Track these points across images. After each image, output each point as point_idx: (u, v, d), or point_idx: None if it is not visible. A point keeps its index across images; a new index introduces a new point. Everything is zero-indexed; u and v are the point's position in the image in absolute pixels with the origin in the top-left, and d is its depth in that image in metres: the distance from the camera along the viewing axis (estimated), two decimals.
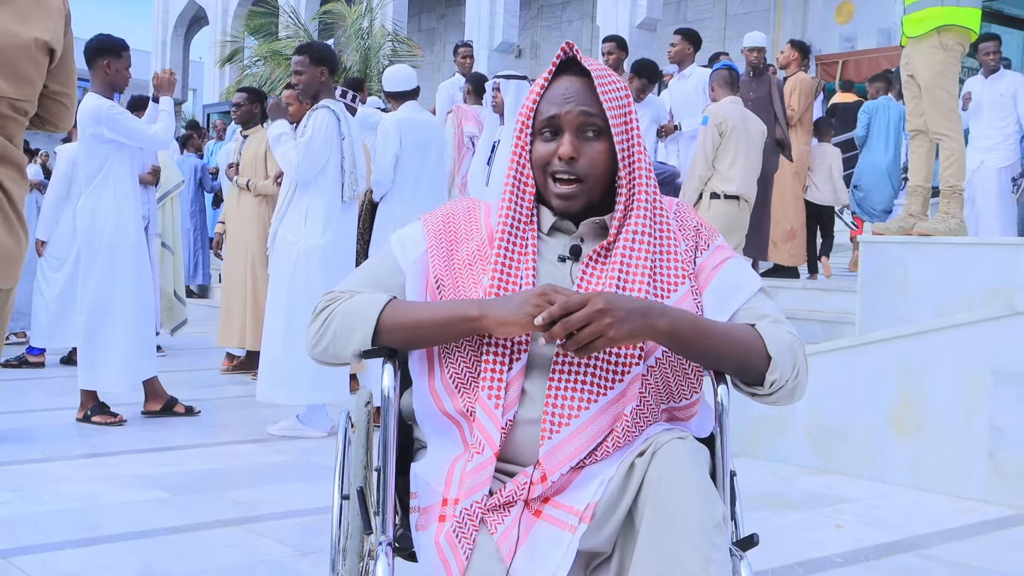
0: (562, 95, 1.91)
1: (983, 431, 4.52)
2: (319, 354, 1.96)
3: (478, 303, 1.82)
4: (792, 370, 1.87)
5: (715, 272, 1.96)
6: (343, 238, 5.44)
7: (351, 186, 5.40)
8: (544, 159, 1.92)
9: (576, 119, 1.89)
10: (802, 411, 5.09)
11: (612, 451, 1.82)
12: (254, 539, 3.68)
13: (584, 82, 1.91)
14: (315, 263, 5.31)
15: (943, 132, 5.88)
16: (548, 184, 1.92)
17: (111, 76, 5.58)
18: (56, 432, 5.41)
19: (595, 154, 1.90)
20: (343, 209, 5.42)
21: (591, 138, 1.90)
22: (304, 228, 5.34)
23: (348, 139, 5.37)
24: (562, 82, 1.93)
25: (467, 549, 1.73)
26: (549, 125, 1.91)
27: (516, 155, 1.95)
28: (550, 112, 1.91)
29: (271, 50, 17.55)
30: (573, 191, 1.90)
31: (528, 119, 1.94)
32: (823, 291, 7.30)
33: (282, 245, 5.40)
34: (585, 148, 1.90)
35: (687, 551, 1.64)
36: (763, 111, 7.82)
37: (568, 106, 1.90)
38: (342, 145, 5.36)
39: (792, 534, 3.96)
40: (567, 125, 1.90)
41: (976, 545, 3.92)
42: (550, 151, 1.91)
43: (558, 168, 1.90)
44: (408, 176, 5.95)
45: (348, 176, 5.38)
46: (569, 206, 1.92)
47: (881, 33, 16.02)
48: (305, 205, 5.37)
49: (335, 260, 5.34)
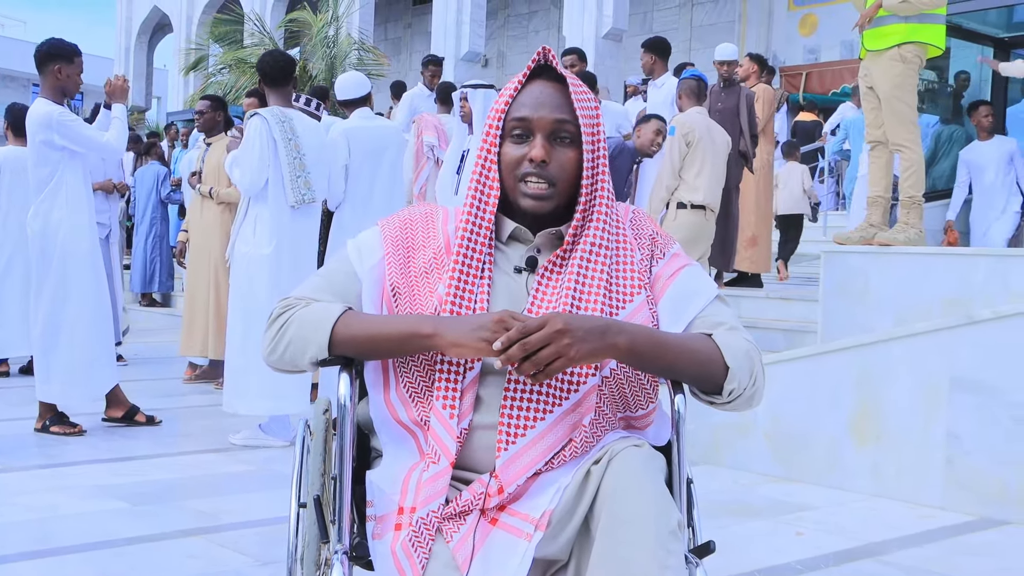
0: (536, 99, 1.90)
1: (940, 439, 4.57)
2: (275, 362, 1.95)
3: (433, 321, 1.81)
4: (749, 378, 1.88)
5: (671, 280, 1.96)
6: (295, 244, 5.37)
7: (296, 191, 5.31)
8: (515, 161, 1.90)
9: (550, 124, 1.89)
10: (763, 419, 5.12)
11: (569, 460, 1.82)
12: (214, 549, 3.65)
13: (558, 88, 1.91)
14: (263, 272, 5.28)
15: (902, 144, 5.94)
16: (517, 186, 1.91)
17: (62, 81, 5.48)
18: (14, 442, 5.34)
19: (565, 160, 1.89)
20: (293, 215, 5.35)
21: (562, 144, 1.90)
22: (253, 238, 5.33)
23: (289, 143, 5.30)
24: (536, 86, 1.92)
25: (423, 558, 1.73)
26: (520, 127, 1.90)
27: (482, 157, 1.93)
28: (523, 114, 1.90)
29: (236, 58, 17.46)
30: (545, 192, 1.89)
31: (499, 120, 1.92)
32: (785, 300, 7.35)
33: (237, 256, 5.40)
34: (556, 153, 1.89)
35: (642, 558, 1.65)
36: (730, 122, 7.89)
37: (543, 111, 1.89)
38: (277, 150, 5.29)
39: (753, 542, 3.98)
40: (540, 128, 1.89)
41: (933, 551, 3.96)
42: (520, 154, 1.90)
43: (528, 170, 1.89)
44: (361, 184, 5.93)
45: (291, 181, 5.31)
46: (540, 207, 1.90)
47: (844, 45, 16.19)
48: (254, 215, 5.35)
49: (282, 268, 5.28)
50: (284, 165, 5.30)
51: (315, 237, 5.58)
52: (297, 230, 5.39)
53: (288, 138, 5.31)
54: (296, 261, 5.36)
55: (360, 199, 5.92)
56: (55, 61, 5.47)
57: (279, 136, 5.29)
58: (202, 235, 7.26)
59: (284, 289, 5.21)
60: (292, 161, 5.31)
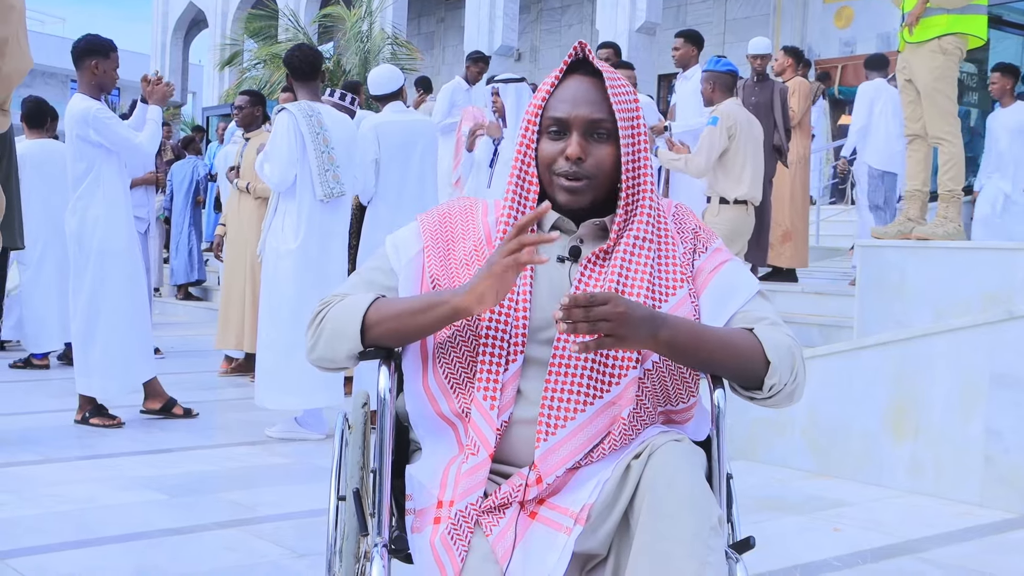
0: (572, 95, 1.90)
1: (980, 435, 4.53)
2: (316, 360, 1.96)
3: (449, 290, 1.83)
4: (791, 374, 1.88)
5: (713, 275, 1.96)
6: (324, 239, 5.37)
7: (325, 185, 5.32)
8: (551, 158, 1.91)
9: (586, 121, 1.89)
10: (800, 414, 5.09)
11: (608, 453, 1.82)
12: (251, 541, 3.68)
13: (594, 83, 1.91)
14: (291, 266, 5.29)
15: (942, 136, 5.88)
16: (554, 181, 1.92)
17: (99, 77, 5.53)
18: (55, 434, 5.41)
19: (602, 156, 1.90)
20: (323, 209, 5.36)
21: (598, 140, 1.90)
22: (282, 233, 5.35)
23: (318, 137, 5.31)
24: (572, 82, 1.92)
25: (462, 551, 1.73)
26: (557, 124, 1.91)
27: (521, 153, 1.94)
28: (559, 111, 1.90)
29: (270, 53, 17.51)
30: (580, 186, 1.90)
31: (536, 117, 1.93)
32: (821, 295, 7.30)
33: (268, 251, 5.43)
34: (592, 149, 1.89)
35: (682, 554, 1.64)
36: (763, 116, 7.83)
37: (579, 108, 1.89)
38: (305, 145, 5.29)
39: (789, 537, 3.96)
40: (576, 126, 1.89)
41: (972, 549, 3.92)
42: (557, 150, 1.90)
43: (564, 168, 1.90)
44: (391, 178, 5.91)
45: (320, 175, 5.31)
46: (576, 200, 1.91)
47: (880, 38, 16.03)
48: (284, 210, 5.38)
49: (310, 262, 5.29)
50: (312, 159, 5.31)
51: (345, 231, 5.58)
52: (326, 224, 5.40)
53: (316, 132, 5.33)
54: (325, 255, 5.38)
55: (392, 193, 5.92)
56: (92, 57, 5.51)
57: (306, 131, 5.30)
58: (239, 230, 7.30)
59: (312, 284, 5.25)
60: (321, 155, 5.32)
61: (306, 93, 5.50)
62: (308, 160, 5.31)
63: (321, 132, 5.35)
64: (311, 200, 5.33)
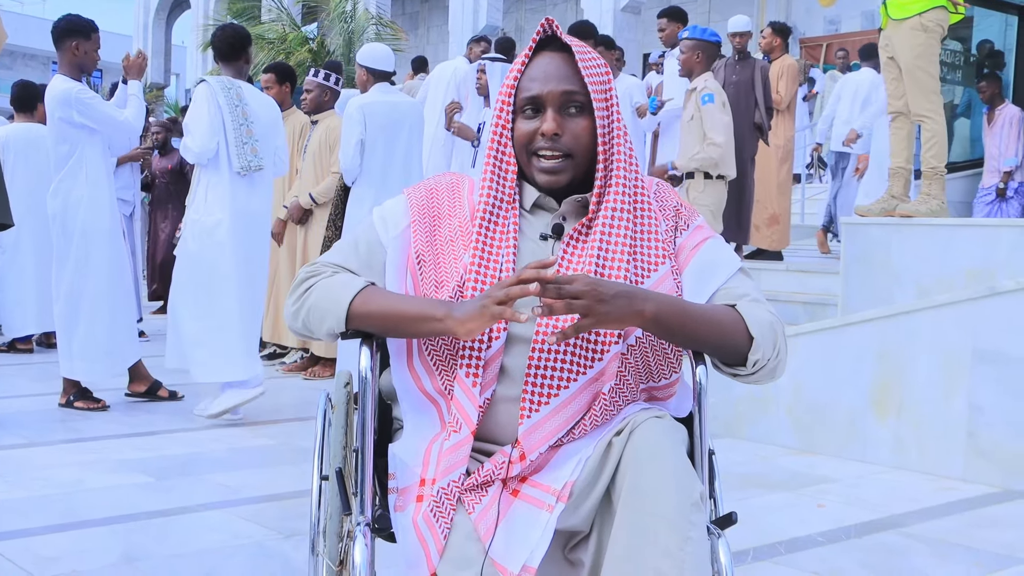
0: (543, 72, 1.89)
1: (962, 411, 4.55)
2: (298, 328, 1.95)
3: (445, 304, 1.81)
4: (773, 349, 1.88)
5: (695, 252, 1.96)
6: (246, 212, 5.33)
7: (242, 157, 5.26)
8: (527, 137, 1.90)
9: (559, 95, 1.88)
10: (784, 392, 5.11)
11: (590, 430, 1.82)
12: (236, 522, 3.68)
13: (565, 58, 1.90)
14: (212, 239, 5.27)
15: (925, 114, 5.89)
16: (532, 161, 1.91)
17: (79, 58, 5.50)
18: (39, 417, 5.39)
19: (578, 130, 1.89)
20: (241, 183, 5.30)
21: (573, 114, 1.89)
22: (204, 205, 5.32)
23: (236, 110, 5.26)
24: (543, 59, 1.91)
25: (445, 529, 1.73)
26: (531, 103, 1.90)
27: (497, 134, 1.93)
28: (532, 90, 1.89)
29: (254, 34, 17.40)
30: (559, 165, 1.89)
31: (509, 97, 1.92)
32: (805, 273, 7.32)
33: (189, 223, 5.42)
34: (568, 124, 1.89)
35: (664, 529, 1.65)
36: (744, 95, 7.83)
37: (551, 83, 1.88)
38: (224, 115, 5.25)
39: (774, 513, 3.98)
40: (550, 102, 1.88)
41: (955, 523, 3.95)
42: (532, 128, 1.90)
43: (541, 145, 1.89)
44: (376, 159, 5.90)
45: (237, 147, 5.25)
46: (556, 180, 1.90)
47: (865, 16, 16.04)
48: (205, 182, 5.35)
49: (232, 235, 5.26)
50: (229, 131, 5.27)
51: (266, 208, 5.54)
52: (246, 197, 5.34)
53: (234, 104, 5.28)
54: (247, 229, 5.34)
55: (376, 173, 5.90)
56: (72, 37, 5.48)
57: (224, 102, 5.25)
58: None
59: (237, 257, 5.26)
60: (238, 127, 5.27)
61: (228, 72, 5.48)
62: (225, 132, 5.27)
63: (240, 105, 5.30)
64: (230, 173, 5.28)
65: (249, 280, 5.36)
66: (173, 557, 3.29)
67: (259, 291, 5.55)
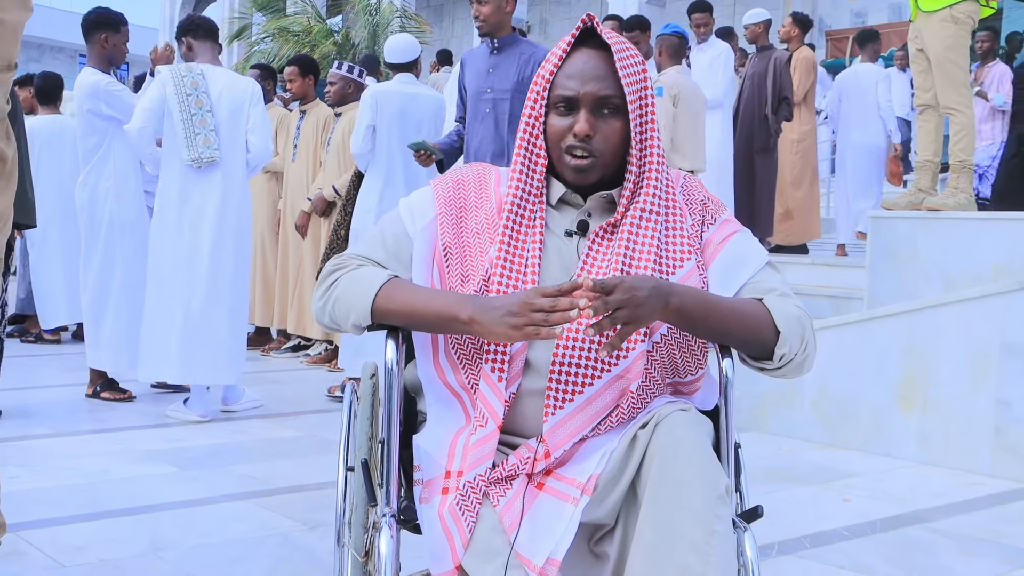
0: (580, 71, 1.88)
1: (989, 406, 4.52)
2: (326, 322, 1.96)
3: (471, 305, 1.77)
4: (801, 343, 1.87)
5: (722, 246, 1.95)
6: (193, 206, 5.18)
7: (192, 148, 5.12)
8: (559, 134, 1.89)
9: (594, 98, 1.87)
10: (809, 386, 5.09)
11: (616, 425, 1.82)
12: (262, 513, 3.70)
13: (603, 56, 1.88)
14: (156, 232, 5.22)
15: (954, 107, 5.84)
16: (562, 158, 1.90)
17: (108, 50, 5.53)
18: (66, 408, 5.44)
19: (610, 132, 1.88)
20: (192, 175, 5.18)
21: (606, 115, 1.88)
22: (156, 199, 5.28)
23: (187, 98, 5.13)
24: (580, 56, 1.90)
25: (470, 522, 1.74)
26: (565, 102, 1.89)
27: (529, 126, 1.92)
28: (568, 89, 1.88)
29: (279, 27, 17.48)
30: (588, 164, 1.88)
31: (544, 90, 1.91)
32: (831, 267, 7.28)
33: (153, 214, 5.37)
34: (600, 126, 1.88)
35: (690, 523, 1.64)
36: (759, 87, 7.82)
37: (587, 85, 1.87)
38: (168, 105, 5.14)
39: (799, 508, 3.97)
40: (585, 103, 1.87)
41: (982, 519, 3.92)
42: (565, 126, 1.89)
43: (572, 144, 1.88)
44: (382, 148, 5.78)
45: (187, 139, 5.12)
46: (584, 179, 1.90)
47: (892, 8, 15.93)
48: (162, 175, 5.27)
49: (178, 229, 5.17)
50: (177, 121, 5.14)
51: (220, 201, 5.23)
52: (194, 191, 5.20)
53: (186, 93, 5.15)
54: (192, 225, 5.19)
55: (383, 163, 5.78)
56: (102, 30, 5.51)
57: (172, 91, 5.15)
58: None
59: (172, 253, 5.14)
60: (190, 117, 5.14)
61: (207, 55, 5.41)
62: (173, 122, 5.17)
63: (194, 94, 5.17)
64: (179, 164, 5.19)
65: (192, 276, 5.16)
66: (198, 547, 3.31)
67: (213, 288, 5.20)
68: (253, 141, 5.32)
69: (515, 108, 4.94)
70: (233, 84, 5.33)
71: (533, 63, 4.94)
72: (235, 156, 5.29)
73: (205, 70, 5.27)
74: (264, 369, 6.82)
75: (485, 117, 5.03)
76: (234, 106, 5.28)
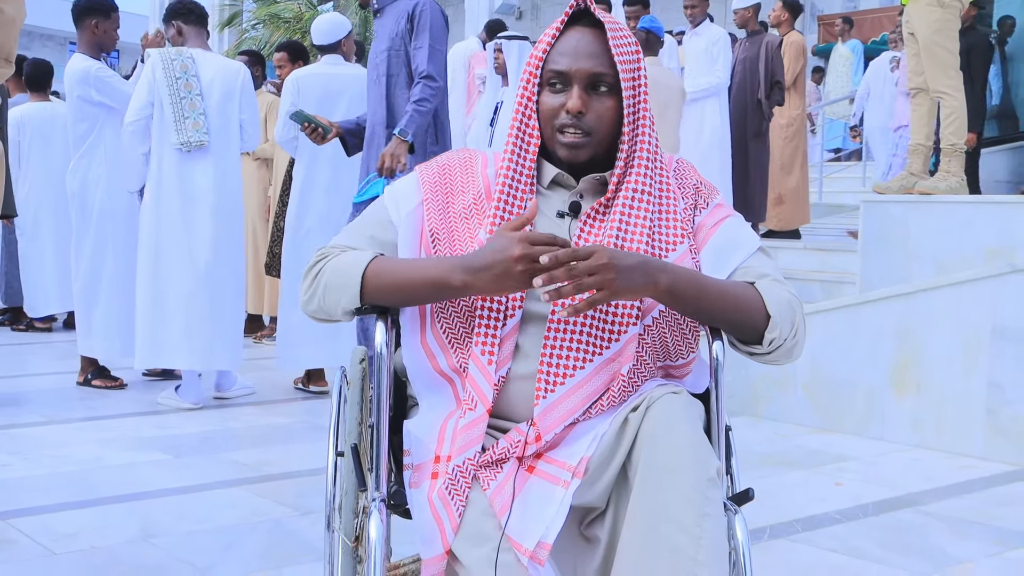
0: (574, 48, 1.87)
1: (982, 389, 4.53)
2: (313, 311, 1.94)
3: (459, 271, 1.76)
4: (791, 329, 1.86)
5: (714, 231, 1.94)
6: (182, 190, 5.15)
7: (182, 132, 5.09)
8: (552, 111, 1.88)
9: (588, 74, 1.86)
10: (802, 370, 5.09)
11: (607, 408, 1.81)
12: (254, 500, 3.69)
13: (596, 35, 1.88)
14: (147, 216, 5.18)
15: (943, 90, 5.84)
16: (555, 136, 1.89)
17: (99, 37, 5.50)
18: (57, 396, 5.43)
19: (603, 110, 1.87)
20: (182, 159, 5.14)
21: (600, 93, 1.87)
22: (148, 183, 5.21)
23: (177, 82, 5.10)
24: (574, 34, 1.89)
25: (460, 506, 1.73)
26: (558, 77, 1.88)
27: (522, 105, 1.91)
28: (561, 65, 1.87)
29: (270, 13, 17.44)
30: (580, 141, 1.87)
31: (536, 69, 1.90)
32: (823, 251, 7.28)
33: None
34: (593, 103, 1.87)
35: (681, 505, 1.64)
36: (751, 72, 7.82)
37: (580, 61, 1.86)
38: (158, 88, 5.11)
39: (792, 491, 3.98)
40: (578, 79, 1.86)
41: (974, 501, 3.93)
42: (558, 103, 1.88)
43: (565, 121, 1.87)
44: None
45: (176, 122, 5.09)
46: (576, 155, 1.89)
47: None
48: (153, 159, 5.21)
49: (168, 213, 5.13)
50: (166, 105, 5.12)
51: (211, 183, 5.20)
52: (187, 174, 5.17)
53: (175, 76, 5.12)
54: (184, 208, 5.16)
55: (308, 147, 5.55)
56: (92, 16, 5.48)
57: (161, 75, 5.12)
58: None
59: (168, 236, 5.10)
60: (179, 100, 5.11)
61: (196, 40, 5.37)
62: (162, 106, 5.13)
63: (183, 77, 5.14)
64: (169, 148, 5.15)
65: (189, 262, 5.13)
66: (190, 534, 3.30)
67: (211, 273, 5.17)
68: (247, 126, 5.33)
69: (392, 67, 4.80)
70: (225, 69, 5.31)
71: (405, 16, 4.77)
72: (227, 141, 5.27)
73: (195, 54, 5.25)
74: (256, 356, 6.80)
75: (373, 84, 4.91)
76: (226, 91, 5.26)
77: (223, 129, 5.25)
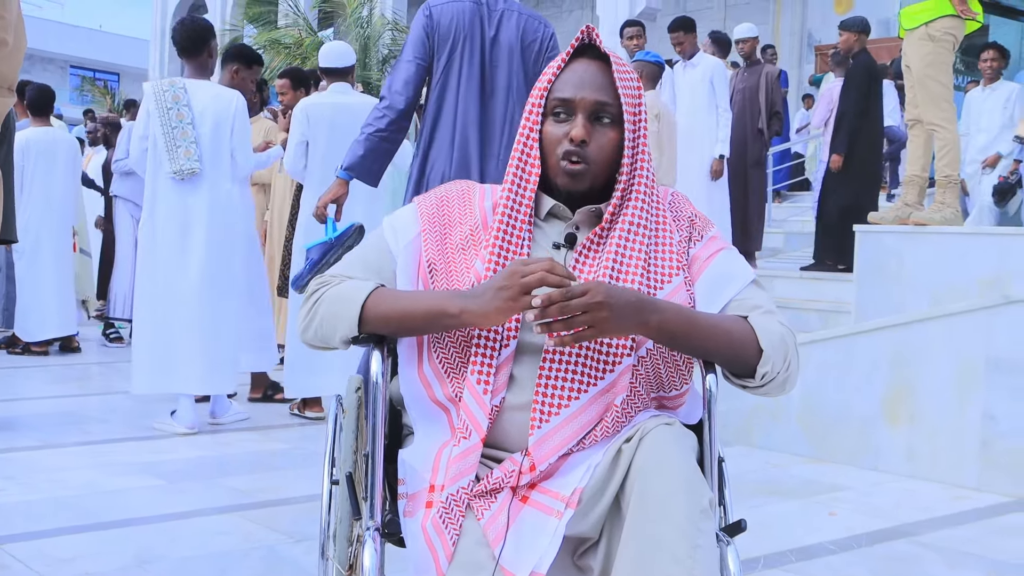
0: (579, 78, 1.91)
1: (976, 420, 4.54)
2: (310, 339, 1.96)
3: (459, 299, 1.80)
4: (783, 362, 1.88)
5: (708, 263, 1.96)
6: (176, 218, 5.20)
7: (174, 160, 5.14)
8: (555, 140, 1.91)
9: (592, 103, 1.89)
10: (796, 400, 5.10)
11: (600, 439, 1.83)
12: (248, 526, 3.69)
13: (600, 67, 1.91)
14: (143, 243, 5.25)
15: (936, 123, 5.89)
16: (558, 164, 1.91)
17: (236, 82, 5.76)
18: (53, 420, 5.42)
19: (605, 141, 1.90)
20: (176, 187, 5.20)
21: (603, 124, 1.90)
22: (143, 211, 5.29)
23: (168, 112, 5.16)
24: (579, 65, 1.92)
25: (454, 535, 1.74)
26: (563, 105, 1.91)
27: (524, 135, 1.94)
28: (566, 93, 1.90)
29: (270, 39, 17.49)
30: (580, 170, 1.90)
31: (540, 99, 1.93)
32: (819, 280, 7.31)
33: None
34: (596, 134, 1.90)
35: (673, 536, 1.64)
36: (750, 102, 7.89)
37: (585, 90, 1.89)
38: (151, 118, 5.18)
39: (785, 521, 3.98)
40: (582, 108, 1.89)
41: (969, 532, 3.93)
42: (561, 132, 1.90)
43: (568, 149, 1.89)
44: (316, 161, 5.62)
45: (168, 151, 5.14)
46: (576, 184, 1.91)
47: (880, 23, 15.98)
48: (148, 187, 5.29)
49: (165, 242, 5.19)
50: (159, 135, 5.18)
51: (206, 212, 5.25)
52: (180, 201, 5.21)
53: (167, 107, 5.18)
54: (179, 234, 5.20)
55: (316, 175, 5.60)
56: (236, 62, 5.83)
57: (153, 106, 5.19)
58: None
59: (165, 263, 5.15)
60: (171, 130, 5.17)
61: (191, 70, 5.40)
62: (156, 136, 5.20)
63: (175, 107, 5.19)
64: (163, 177, 5.21)
65: (185, 288, 5.17)
66: (185, 560, 3.30)
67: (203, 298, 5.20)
68: (238, 153, 5.38)
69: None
70: (217, 97, 5.34)
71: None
72: (220, 168, 5.31)
73: (188, 84, 5.30)
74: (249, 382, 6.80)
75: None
76: (218, 119, 5.30)
77: (216, 156, 5.29)
